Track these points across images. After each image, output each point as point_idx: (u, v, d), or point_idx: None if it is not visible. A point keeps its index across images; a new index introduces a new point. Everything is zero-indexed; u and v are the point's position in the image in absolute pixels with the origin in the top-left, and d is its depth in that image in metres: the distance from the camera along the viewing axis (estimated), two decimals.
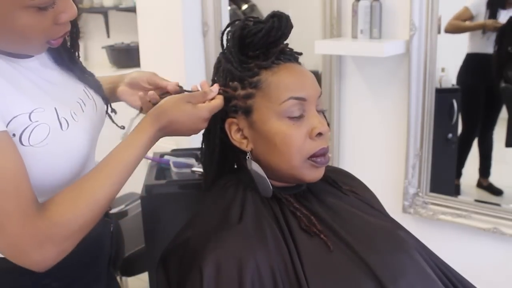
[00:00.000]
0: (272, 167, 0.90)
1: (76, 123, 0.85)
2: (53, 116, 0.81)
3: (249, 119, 0.90)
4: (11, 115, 0.75)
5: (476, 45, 2.05)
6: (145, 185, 1.23)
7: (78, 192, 0.79)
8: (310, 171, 0.89)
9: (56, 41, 0.82)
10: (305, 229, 0.86)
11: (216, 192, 0.97)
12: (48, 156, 0.80)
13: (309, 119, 0.88)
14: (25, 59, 0.84)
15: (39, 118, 0.79)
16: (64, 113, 0.84)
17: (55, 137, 0.80)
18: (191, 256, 0.85)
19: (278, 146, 0.88)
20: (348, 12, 1.93)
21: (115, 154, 0.83)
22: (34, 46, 0.81)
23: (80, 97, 0.93)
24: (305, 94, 0.88)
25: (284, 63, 0.91)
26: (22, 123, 0.77)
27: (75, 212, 0.77)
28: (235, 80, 0.91)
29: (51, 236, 0.75)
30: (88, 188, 0.79)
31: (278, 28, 0.89)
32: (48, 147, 0.79)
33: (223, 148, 0.97)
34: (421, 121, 1.87)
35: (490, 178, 2.08)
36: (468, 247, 1.90)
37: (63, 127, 0.82)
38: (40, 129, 0.78)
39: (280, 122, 0.87)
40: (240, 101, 0.91)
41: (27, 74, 0.83)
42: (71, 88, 0.93)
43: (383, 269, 0.81)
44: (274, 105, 0.87)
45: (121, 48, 3.36)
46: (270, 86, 0.88)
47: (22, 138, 0.77)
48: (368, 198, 1.03)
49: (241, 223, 0.86)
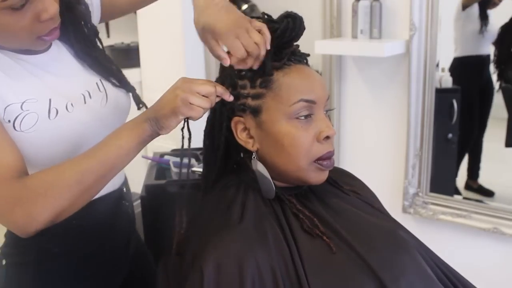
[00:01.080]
0: (278, 169, 0.90)
1: (68, 114, 0.92)
2: (44, 106, 0.90)
3: (257, 119, 0.90)
4: (5, 103, 0.85)
5: (470, 48, 2.05)
6: (145, 185, 1.24)
7: (54, 167, 0.85)
8: (315, 174, 0.89)
9: (49, 36, 0.89)
10: (308, 231, 0.86)
11: (217, 192, 0.97)
12: (37, 141, 0.89)
13: (317, 122, 0.88)
14: (34, 55, 0.93)
15: (30, 108, 0.87)
16: (58, 104, 0.91)
17: (42, 124, 0.89)
18: (192, 256, 0.85)
19: (286, 148, 0.87)
20: (348, 12, 1.93)
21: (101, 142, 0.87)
22: (27, 42, 0.88)
23: (87, 89, 0.99)
24: (315, 97, 0.88)
25: (295, 65, 0.90)
26: (15, 111, 0.86)
27: (41, 178, 0.83)
28: (244, 78, 0.91)
29: (19, 198, 0.81)
30: (64, 165, 0.85)
31: (293, 29, 0.89)
32: (36, 133, 0.88)
33: (227, 147, 0.96)
34: (421, 121, 1.87)
35: (488, 178, 2.08)
36: (468, 247, 1.90)
37: (50, 116, 0.90)
38: (29, 117, 0.87)
39: (289, 124, 0.87)
40: (249, 100, 0.90)
41: (29, 68, 0.91)
42: (80, 80, 0.99)
43: (384, 269, 0.81)
44: (284, 107, 0.87)
45: (121, 48, 3.35)
46: (282, 87, 0.88)
47: (15, 124, 0.87)
48: (369, 197, 1.03)
49: (242, 223, 0.86)
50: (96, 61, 1.04)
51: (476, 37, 2.00)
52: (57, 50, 0.99)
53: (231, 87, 0.91)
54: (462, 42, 2.04)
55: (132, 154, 0.87)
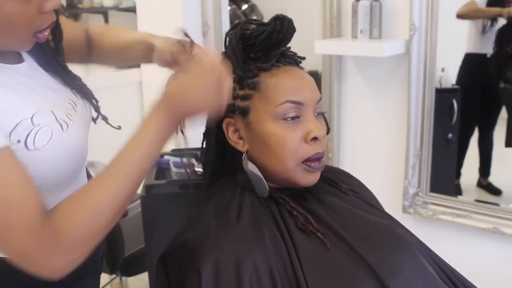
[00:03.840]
0: (267, 169, 0.90)
1: (73, 123, 0.85)
2: (51, 118, 0.81)
3: (245, 120, 0.90)
4: (14, 123, 0.76)
5: (475, 45, 2.05)
6: (145, 185, 1.24)
7: (82, 198, 0.76)
8: (304, 175, 0.89)
9: (42, 35, 0.82)
10: (302, 228, 0.86)
11: (214, 193, 0.97)
12: (54, 158, 0.80)
13: (305, 123, 0.88)
14: (16, 65, 0.84)
15: (40, 121, 0.78)
16: (61, 115, 0.84)
17: (57, 138, 0.80)
18: (190, 257, 0.85)
19: (273, 148, 0.88)
20: (348, 12, 1.93)
21: (122, 152, 0.79)
22: (22, 38, 0.80)
23: (70, 98, 0.92)
24: (303, 99, 0.88)
25: (284, 66, 0.91)
26: (26, 128, 0.77)
27: (78, 220, 0.74)
28: (234, 80, 0.91)
29: (56, 247, 0.73)
30: (93, 194, 0.76)
31: (280, 31, 0.89)
32: (53, 148, 0.79)
33: (222, 148, 0.97)
34: (421, 121, 1.87)
35: (489, 178, 2.08)
36: (468, 247, 1.90)
37: (63, 128, 0.82)
38: (43, 132, 0.78)
39: (275, 125, 0.87)
40: (238, 101, 0.91)
41: (19, 79, 0.83)
42: (61, 90, 0.93)
43: (382, 266, 0.81)
44: (270, 107, 0.87)
45: None
46: (268, 88, 0.88)
47: (28, 142, 0.77)
48: (367, 196, 1.03)
49: (239, 224, 0.86)
50: (62, 70, 0.96)
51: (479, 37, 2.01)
52: (29, 60, 0.90)
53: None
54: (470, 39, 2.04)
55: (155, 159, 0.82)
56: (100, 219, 0.76)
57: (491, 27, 1.97)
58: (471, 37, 2.04)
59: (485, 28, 1.97)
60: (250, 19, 0.94)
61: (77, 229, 0.74)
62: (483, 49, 2.03)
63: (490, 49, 1.99)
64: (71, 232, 0.73)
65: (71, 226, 0.73)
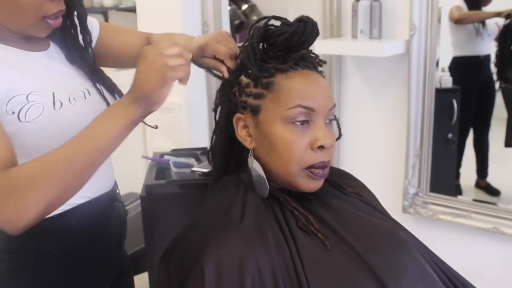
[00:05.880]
0: (271, 170, 0.90)
1: (71, 106, 0.94)
2: (49, 98, 0.91)
3: (255, 118, 0.90)
4: (10, 95, 0.87)
5: (468, 49, 2.05)
6: (145, 185, 1.23)
7: (44, 155, 0.82)
8: (306, 181, 0.89)
9: (53, 21, 0.93)
10: (303, 228, 0.86)
11: (218, 191, 0.97)
12: (42, 132, 0.90)
13: (314, 130, 0.88)
14: (34, 52, 0.97)
15: (35, 99, 0.89)
16: (61, 97, 0.93)
17: (47, 114, 0.90)
18: (192, 256, 0.85)
19: (279, 151, 0.87)
20: (348, 12, 1.93)
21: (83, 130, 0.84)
22: (30, 21, 0.91)
23: (86, 88, 1.01)
24: (314, 104, 0.87)
25: (301, 70, 0.90)
26: (20, 102, 0.87)
27: (30, 168, 0.80)
28: (249, 76, 0.91)
29: (5, 191, 0.79)
30: (47, 154, 0.82)
31: (302, 34, 0.89)
32: (41, 123, 0.89)
33: (230, 141, 0.98)
34: (421, 121, 1.87)
35: (488, 178, 2.08)
36: (468, 247, 1.90)
37: (56, 107, 0.92)
38: (34, 108, 0.89)
39: (284, 128, 0.87)
40: (250, 98, 0.91)
41: (30, 63, 0.94)
42: (78, 80, 1.01)
43: (384, 269, 0.81)
44: (281, 110, 0.87)
45: None
46: (282, 90, 0.88)
47: (20, 114, 0.87)
48: (369, 199, 1.03)
49: (242, 224, 0.86)
50: (90, 68, 1.05)
51: (473, 39, 2.01)
52: (55, 51, 1.02)
53: (237, 83, 0.94)
54: (459, 45, 2.04)
55: (121, 138, 0.85)
56: (48, 172, 0.80)
57: (483, 29, 1.97)
58: (463, 41, 2.03)
59: (479, 30, 1.97)
60: (277, 16, 0.93)
61: (25, 175, 0.80)
62: (477, 51, 2.02)
63: (483, 51, 1.99)
64: (19, 177, 0.80)
65: (20, 173, 0.81)
